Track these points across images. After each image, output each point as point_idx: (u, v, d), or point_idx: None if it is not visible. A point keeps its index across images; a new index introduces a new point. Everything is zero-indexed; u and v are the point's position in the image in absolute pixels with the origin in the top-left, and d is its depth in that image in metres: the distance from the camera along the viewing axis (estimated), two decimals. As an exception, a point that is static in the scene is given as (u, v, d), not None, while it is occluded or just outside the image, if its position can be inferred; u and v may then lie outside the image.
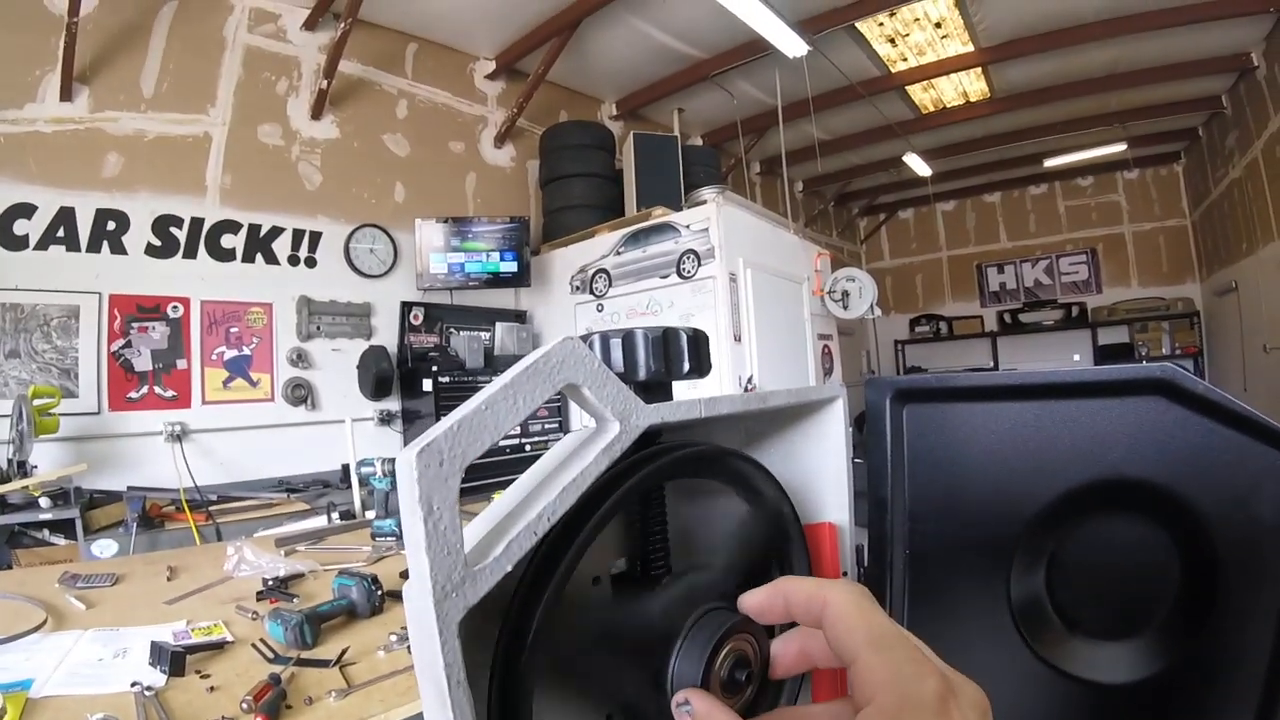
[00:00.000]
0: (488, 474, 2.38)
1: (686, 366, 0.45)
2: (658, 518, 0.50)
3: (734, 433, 0.62)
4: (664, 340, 0.44)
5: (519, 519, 0.36)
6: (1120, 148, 9.56)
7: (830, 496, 0.63)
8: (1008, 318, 11.96)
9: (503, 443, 4.90)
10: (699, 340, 0.45)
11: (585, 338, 0.43)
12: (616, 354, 0.44)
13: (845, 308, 5.98)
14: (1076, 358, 11.29)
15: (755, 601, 0.44)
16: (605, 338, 0.43)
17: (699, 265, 4.97)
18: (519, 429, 4.82)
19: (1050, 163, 10.21)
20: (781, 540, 0.56)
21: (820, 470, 0.62)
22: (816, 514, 0.63)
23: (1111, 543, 0.68)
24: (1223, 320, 9.72)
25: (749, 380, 4.77)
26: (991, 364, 11.94)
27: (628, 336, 0.44)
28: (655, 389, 0.45)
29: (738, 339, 4.86)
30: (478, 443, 0.34)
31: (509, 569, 0.35)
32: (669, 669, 0.45)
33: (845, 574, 0.64)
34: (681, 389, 0.47)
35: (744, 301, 4.98)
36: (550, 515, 0.37)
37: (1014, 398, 0.65)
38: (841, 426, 0.62)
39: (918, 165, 9.62)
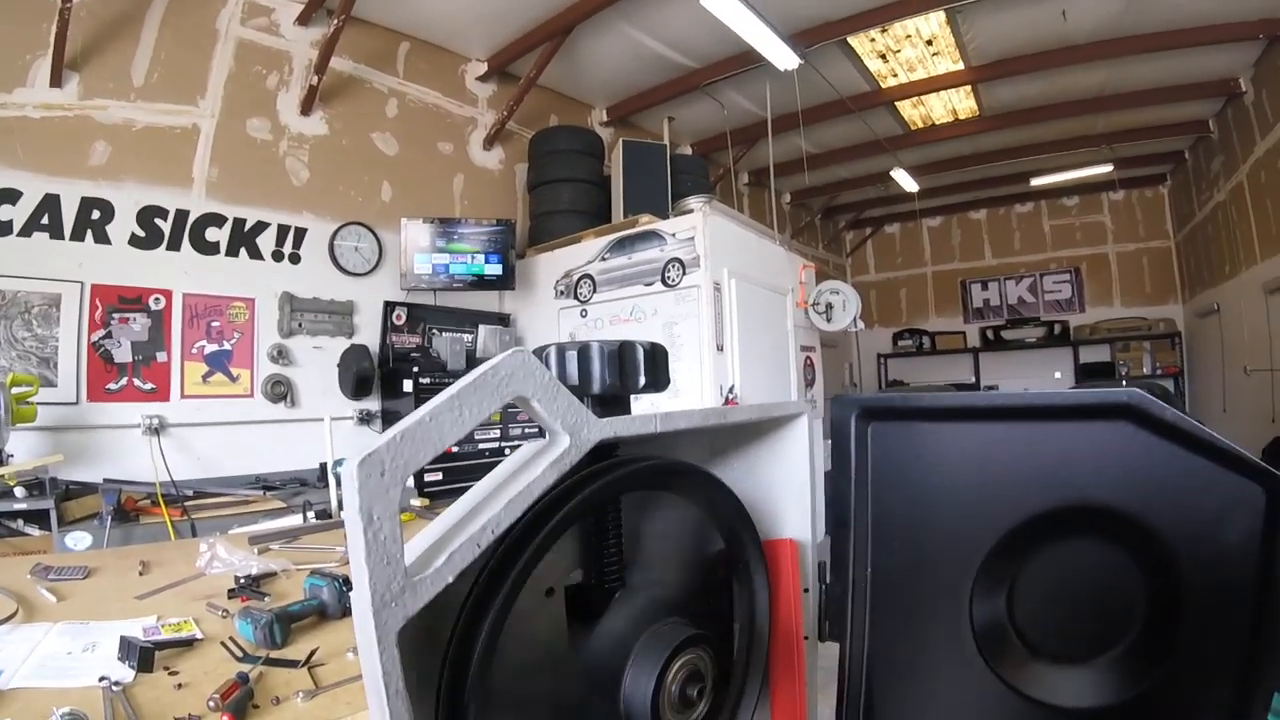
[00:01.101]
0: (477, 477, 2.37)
1: (643, 380, 0.44)
2: (613, 532, 0.49)
3: (698, 447, 0.61)
4: (620, 354, 0.43)
5: (463, 531, 0.36)
6: (1106, 169, 9.65)
7: (793, 512, 0.62)
8: (990, 334, 12.03)
9: (491, 445, 4.89)
10: (656, 354, 0.44)
11: (542, 350, 0.42)
12: (572, 367, 0.43)
13: (829, 320, 6.00)
14: (1058, 375, 11.37)
15: None
16: (561, 350, 0.43)
17: (684, 274, 4.97)
18: (500, 433, 4.80)
19: (1037, 182, 10.30)
20: (739, 556, 0.55)
21: (783, 486, 0.62)
22: (778, 529, 0.62)
23: (1076, 567, 0.68)
24: (1204, 341, 9.82)
25: (730, 390, 4.77)
26: (973, 379, 12.00)
27: (583, 350, 0.43)
28: (612, 402, 0.44)
29: (720, 348, 4.86)
30: (420, 454, 0.33)
31: (450, 580, 0.35)
32: (621, 685, 0.44)
33: (806, 590, 0.64)
34: (664, 401, 0.47)
35: (727, 311, 4.98)
36: (494, 528, 0.36)
37: (980, 419, 0.65)
38: (805, 443, 0.61)
39: (905, 181, 9.67)
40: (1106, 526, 0.64)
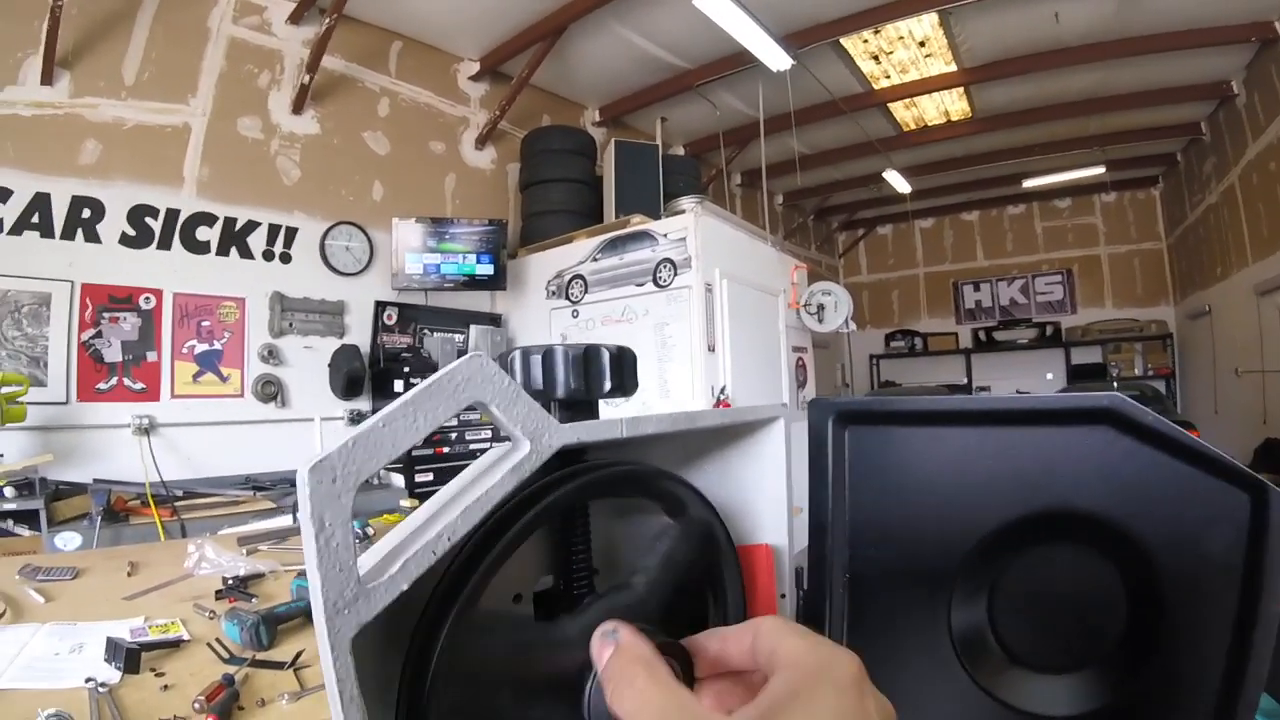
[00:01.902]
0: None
1: (608, 385, 0.43)
2: (581, 537, 0.49)
3: (672, 451, 0.60)
4: (584, 358, 0.43)
5: (419, 538, 0.35)
6: (1099, 170, 9.68)
7: (768, 517, 0.62)
8: (982, 335, 12.07)
9: (483, 445, 4.88)
10: (623, 358, 0.44)
11: (507, 354, 0.41)
12: (536, 371, 0.43)
13: (820, 321, 6.00)
14: (1050, 376, 11.42)
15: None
16: (526, 354, 0.42)
17: (675, 274, 4.96)
18: (492, 433, 4.80)
19: (1029, 183, 10.33)
20: (712, 561, 0.54)
21: (758, 491, 0.61)
22: (753, 535, 0.62)
23: (1056, 574, 0.67)
24: (1195, 343, 9.87)
25: (722, 390, 4.76)
26: (965, 380, 12.04)
27: (548, 353, 0.43)
28: (578, 407, 0.44)
29: (712, 349, 4.85)
30: (373, 460, 0.33)
31: (405, 587, 0.34)
32: (585, 693, 0.43)
33: (783, 596, 0.63)
34: (655, 401, 0.46)
35: (719, 311, 4.98)
36: (450, 535, 0.36)
37: (958, 423, 0.64)
38: (781, 447, 0.61)
39: (898, 182, 9.69)
40: (1087, 533, 0.63)
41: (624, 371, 0.44)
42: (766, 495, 0.61)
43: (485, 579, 0.39)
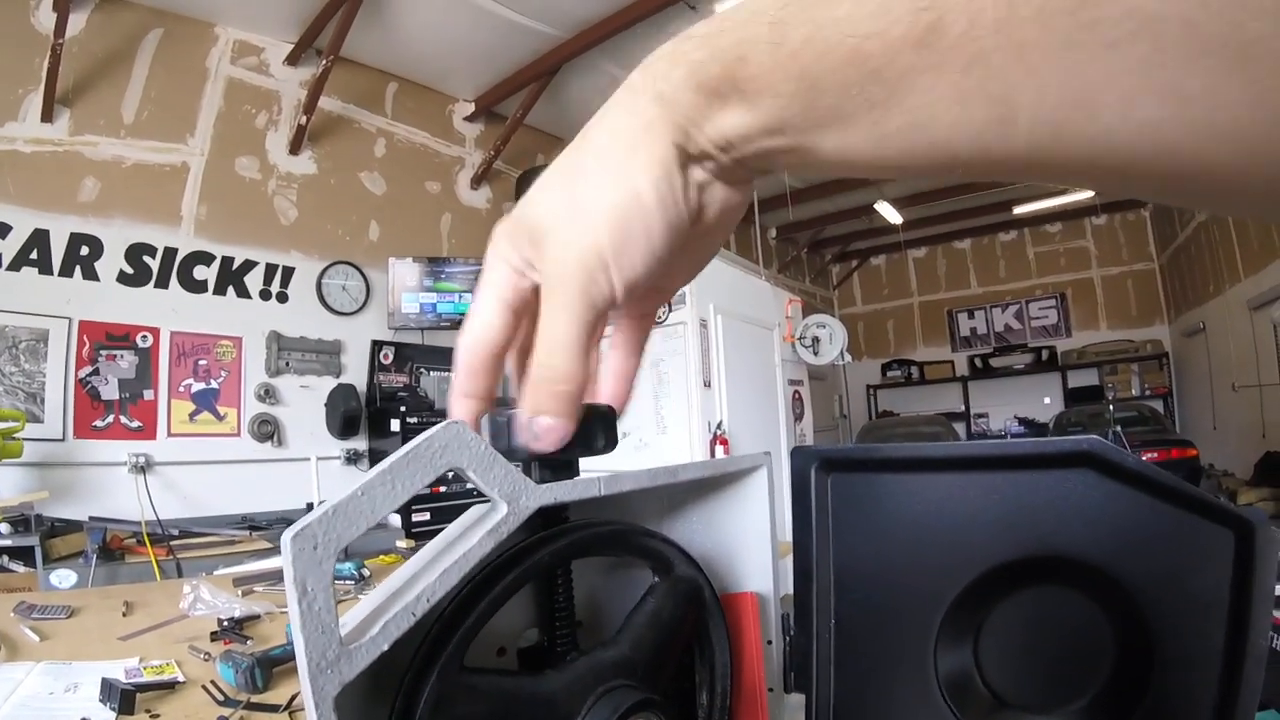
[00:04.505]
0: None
1: (600, 443, 0.45)
2: (563, 595, 0.50)
3: (655, 503, 0.61)
4: (569, 418, 0.44)
5: (399, 600, 0.37)
6: (1088, 193, 9.75)
7: (754, 565, 0.63)
8: (979, 362, 12.10)
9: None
10: (605, 416, 0.45)
11: (495, 413, 0.43)
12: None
13: (816, 354, 6.02)
14: (1047, 400, 11.42)
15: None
16: (510, 415, 0.43)
17: (669, 311, 4.98)
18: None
19: (1020, 209, 10.40)
20: (696, 616, 0.55)
21: (743, 538, 0.62)
22: (739, 583, 0.62)
23: (1042, 617, 0.67)
24: (1192, 360, 9.90)
25: (719, 427, 4.77)
26: (963, 408, 12.04)
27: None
28: (559, 466, 0.45)
29: (708, 385, 4.86)
30: (353, 527, 0.35)
31: (385, 648, 0.36)
32: None
33: (769, 642, 0.63)
34: (652, 437, 0.47)
35: (714, 347, 4.99)
36: (430, 596, 0.37)
37: (940, 469, 0.65)
38: (765, 494, 0.61)
39: (889, 213, 9.77)
40: (1071, 576, 0.64)
41: (608, 429, 0.45)
42: (751, 543, 0.62)
43: (467, 639, 0.40)
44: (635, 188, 0.37)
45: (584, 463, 0.46)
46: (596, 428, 0.43)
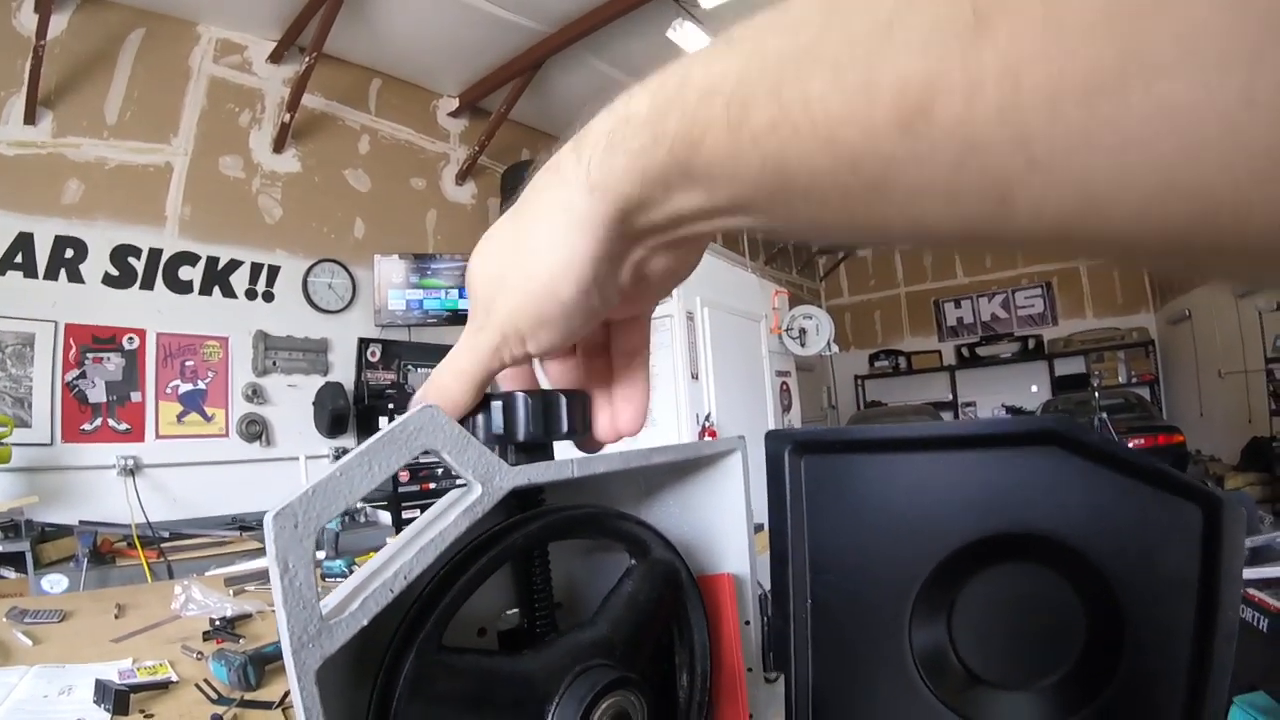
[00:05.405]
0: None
1: (565, 428, 0.46)
2: (540, 576, 0.51)
3: (631, 486, 0.62)
4: (544, 403, 0.45)
5: (378, 577, 0.38)
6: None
7: (730, 547, 0.64)
8: (965, 351, 12.13)
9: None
10: (580, 403, 0.47)
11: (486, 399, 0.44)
12: (497, 416, 0.45)
13: (802, 345, 6.04)
14: (1034, 389, 11.46)
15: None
16: (487, 400, 0.45)
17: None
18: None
19: (1006, 201, 10.41)
20: (674, 597, 0.56)
21: (720, 520, 0.63)
22: (715, 565, 0.64)
23: (1014, 593, 0.69)
24: (1178, 348, 9.97)
25: (706, 418, 4.78)
26: (950, 397, 12.08)
27: (508, 400, 0.45)
28: (535, 449, 0.46)
29: (695, 376, 4.87)
30: (332, 506, 0.36)
31: (365, 623, 0.37)
32: None
33: (747, 623, 0.65)
34: (644, 432, 0.49)
35: (701, 340, 5.00)
36: (407, 574, 0.38)
37: (910, 449, 0.66)
38: (740, 478, 0.63)
39: (877, 204, 9.76)
40: (1041, 553, 0.65)
41: (584, 415, 0.47)
42: (728, 526, 0.63)
43: (445, 618, 0.41)
44: (554, 289, 0.38)
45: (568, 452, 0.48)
46: (575, 411, 0.44)
